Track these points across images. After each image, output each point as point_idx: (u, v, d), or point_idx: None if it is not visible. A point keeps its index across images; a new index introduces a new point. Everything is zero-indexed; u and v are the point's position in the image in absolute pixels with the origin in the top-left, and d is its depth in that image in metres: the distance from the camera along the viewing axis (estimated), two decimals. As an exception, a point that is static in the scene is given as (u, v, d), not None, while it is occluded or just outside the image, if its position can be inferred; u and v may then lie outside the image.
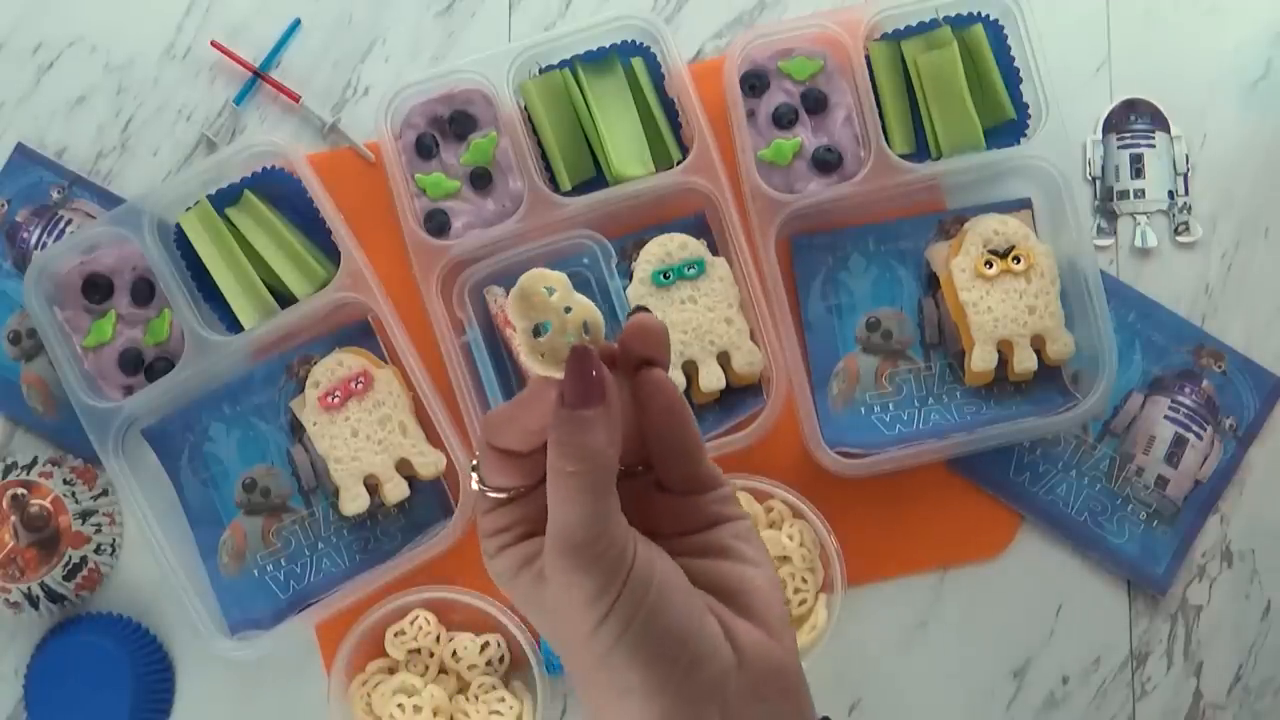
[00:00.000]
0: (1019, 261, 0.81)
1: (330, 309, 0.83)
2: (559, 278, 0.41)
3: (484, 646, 0.83)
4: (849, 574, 0.81)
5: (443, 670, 0.84)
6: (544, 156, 0.84)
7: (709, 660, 0.40)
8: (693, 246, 0.82)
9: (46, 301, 0.83)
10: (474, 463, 0.44)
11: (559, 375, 0.40)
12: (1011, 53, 0.84)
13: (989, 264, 0.81)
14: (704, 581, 0.42)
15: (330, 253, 0.84)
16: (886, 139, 0.82)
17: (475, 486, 0.43)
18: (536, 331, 0.41)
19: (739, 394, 0.83)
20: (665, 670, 0.39)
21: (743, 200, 0.83)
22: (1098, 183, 0.87)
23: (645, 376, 0.42)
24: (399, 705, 0.81)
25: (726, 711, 0.40)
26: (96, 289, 0.84)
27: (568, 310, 0.41)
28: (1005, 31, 0.84)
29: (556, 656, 0.80)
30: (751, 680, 0.41)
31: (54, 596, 0.84)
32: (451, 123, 0.84)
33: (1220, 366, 0.85)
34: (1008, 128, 0.85)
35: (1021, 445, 0.85)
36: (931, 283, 0.85)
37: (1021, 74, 0.83)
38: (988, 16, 0.84)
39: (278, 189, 0.84)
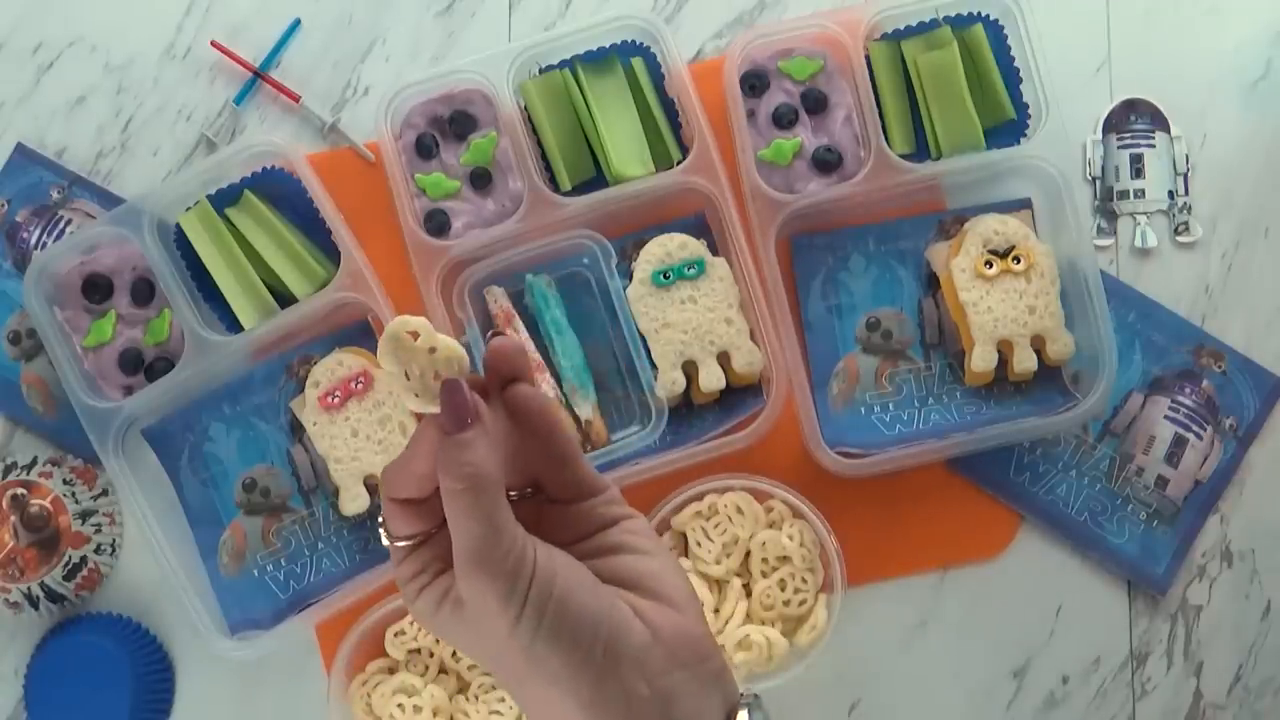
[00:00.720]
0: (1019, 261, 0.81)
1: (330, 309, 0.83)
2: (421, 322, 0.45)
3: (484, 646, 0.83)
4: (849, 574, 0.81)
5: (443, 670, 0.84)
6: (544, 156, 0.84)
7: (624, 637, 0.44)
8: (693, 246, 0.82)
9: (46, 301, 0.83)
10: (380, 519, 0.48)
11: (435, 410, 0.45)
12: (1011, 53, 0.84)
13: (989, 264, 0.81)
14: (608, 578, 0.46)
15: (330, 253, 0.84)
16: (886, 139, 0.82)
17: (385, 542, 0.47)
18: (407, 375, 0.45)
19: (739, 394, 0.83)
20: (585, 651, 0.44)
21: (743, 200, 0.83)
22: (1098, 183, 0.87)
23: (512, 392, 0.47)
24: (399, 705, 0.81)
25: (652, 682, 0.44)
26: (96, 289, 0.84)
27: (433, 351, 0.45)
28: (1005, 31, 0.84)
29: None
30: (668, 650, 0.45)
31: (54, 596, 0.84)
32: (451, 123, 0.84)
33: (1220, 366, 0.85)
34: (1008, 128, 0.85)
35: (1021, 445, 0.85)
36: (931, 283, 0.85)
37: (1021, 74, 0.83)
38: (988, 16, 0.84)
39: (278, 189, 0.85)
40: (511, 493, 0.47)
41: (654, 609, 0.46)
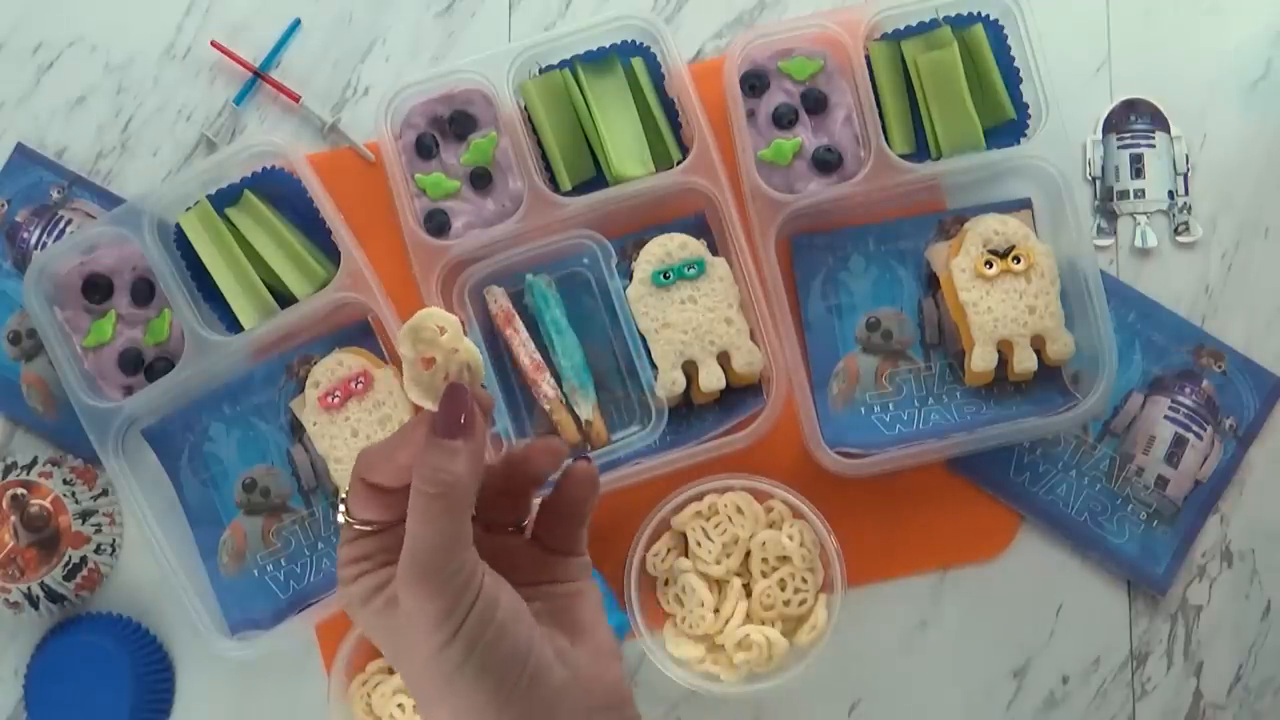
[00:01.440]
0: (1019, 261, 0.81)
1: (330, 309, 0.83)
2: (453, 320, 0.45)
3: (484, 646, 0.83)
4: (849, 574, 0.81)
5: (443, 670, 0.83)
6: (544, 156, 0.84)
7: (545, 679, 0.44)
8: (693, 246, 0.82)
9: (46, 301, 0.83)
10: (343, 495, 0.47)
11: (434, 407, 0.44)
12: (1011, 53, 0.84)
13: (989, 264, 0.81)
14: (543, 616, 0.47)
15: (330, 253, 0.84)
16: (886, 139, 0.82)
17: (341, 519, 0.46)
18: (424, 364, 0.45)
19: (739, 394, 0.83)
20: (508, 690, 0.43)
21: (743, 200, 0.83)
22: (1098, 183, 0.87)
23: (582, 469, 0.49)
24: (399, 705, 0.81)
25: None
26: (96, 289, 0.84)
27: (454, 351, 0.45)
28: (1005, 31, 0.84)
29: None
30: (584, 690, 0.45)
31: (54, 596, 0.84)
32: (451, 123, 0.84)
33: (1220, 366, 0.85)
34: (1008, 128, 0.85)
35: (1021, 445, 0.85)
36: (931, 283, 0.85)
37: (1021, 74, 0.83)
38: (988, 16, 0.84)
39: (278, 189, 0.85)
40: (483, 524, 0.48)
41: (576, 651, 0.46)
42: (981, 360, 0.81)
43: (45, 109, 0.89)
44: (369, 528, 0.46)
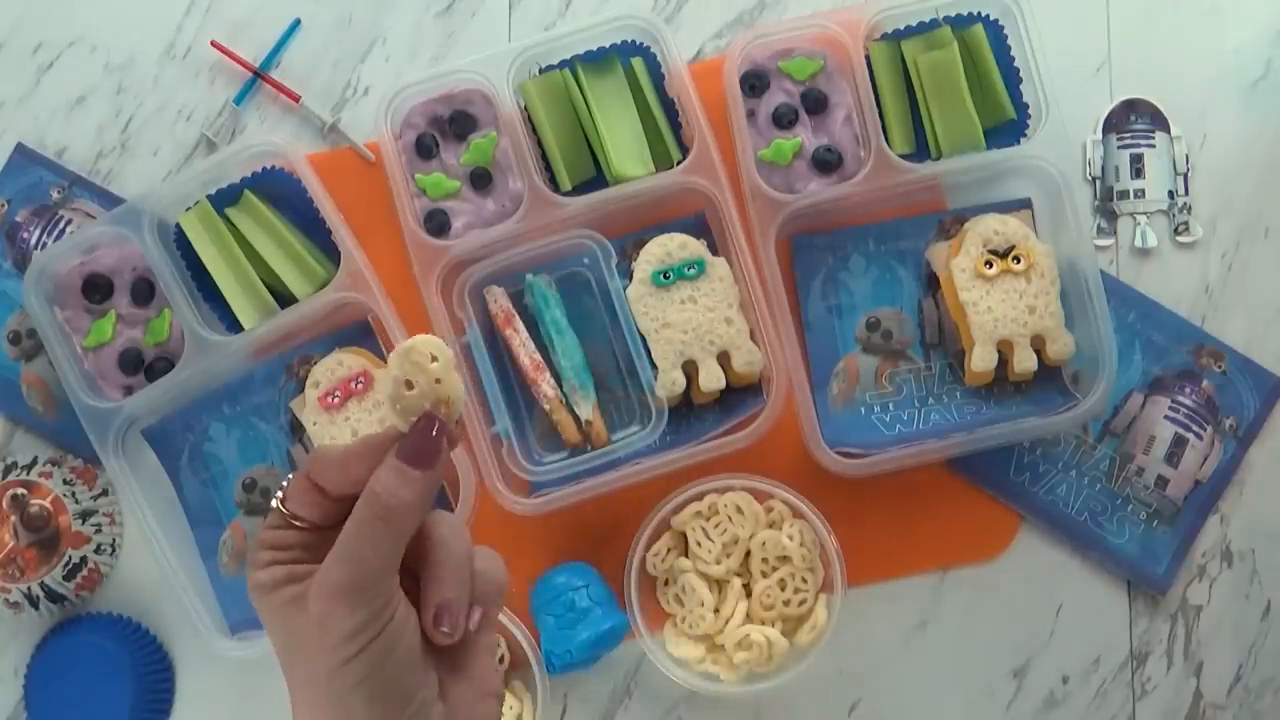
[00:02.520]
0: (1019, 261, 0.81)
1: (330, 309, 0.83)
2: (447, 352, 0.45)
3: (484, 646, 0.83)
4: (849, 574, 0.81)
5: (443, 670, 0.83)
6: (544, 156, 0.84)
7: (427, 714, 0.44)
8: (693, 246, 0.82)
9: (46, 301, 0.83)
10: (284, 483, 0.47)
11: (404, 429, 0.45)
12: (1011, 53, 0.84)
13: (989, 264, 0.81)
14: (431, 650, 0.46)
15: (330, 253, 0.84)
16: (886, 139, 0.82)
17: (275, 504, 0.46)
18: (410, 385, 0.45)
19: (739, 394, 0.83)
20: (394, 717, 0.43)
21: (743, 200, 0.83)
22: (1098, 183, 0.87)
23: (495, 574, 0.48)
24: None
25: None
26: (96, 289, 0.84)
27: (437, 381, 0.45)
28: (1005, 31, 0.84)
29: (555, 656, 0.80)
30: None
31: (54, 596, 0.84)
32: (451, 123, 0.84)
33: (1220, 366, 0.85)
34: (1008, 128, 0.85)
35: (1021, 445, 0.85)
36: (931, 283, 0.85)
37: (1021, 74, 0.83)
38: (988, 16, 0.84)
39: (278, 189, 0.85)
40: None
41: (459, 689, 0.46)
42: (981, 360, 0.81)
43: (45, 109, 0.89)
44: (297, 523, 0.46)
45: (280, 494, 0.46)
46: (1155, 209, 0.87)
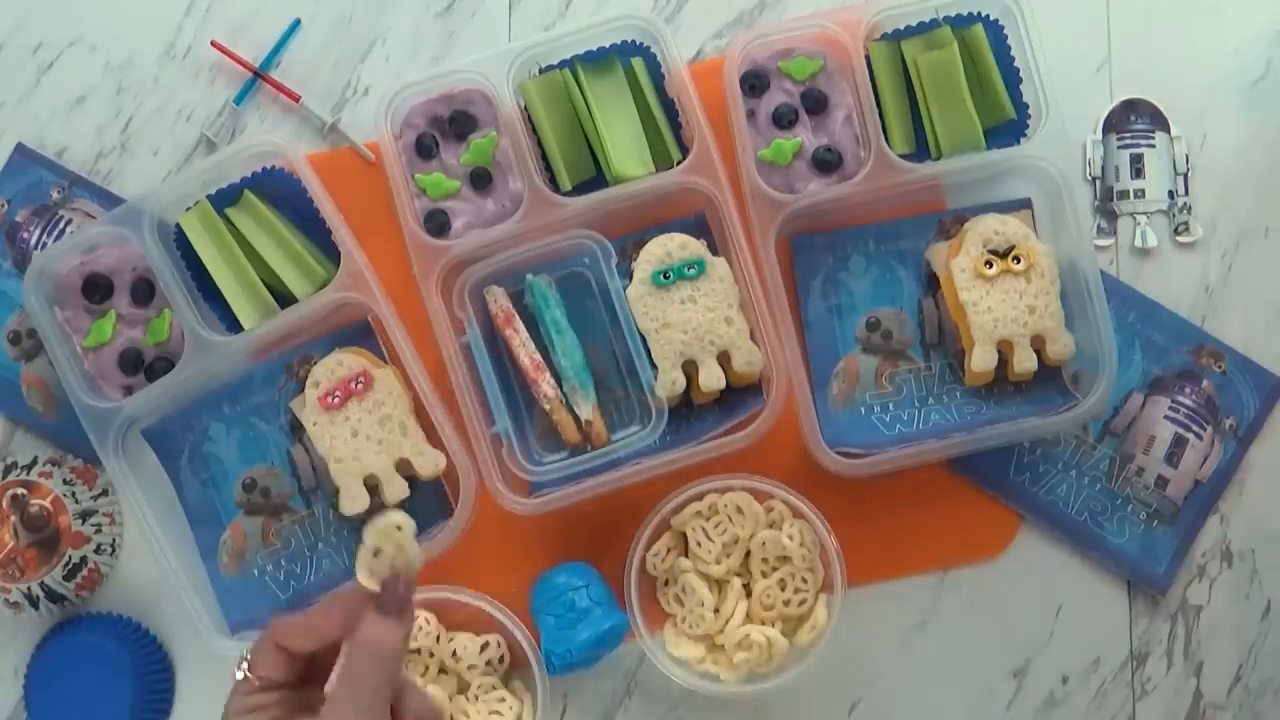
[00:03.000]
0: (1019, 261, 0.81)
1: (330, 309, 0.83)
2: (410, 523, 0.53)
3: (484, 647, 0.83)
4: (849, 574, 0.81)
5: (443, 670, 0.84)
6: (544, 156, 0.84)
7: None
8: (693, 246, 0.82)
9: (46, 301, 0.83)
10: (244, 653, 0.54)
11: (376, 589, 0.52)
12: (1011, 53, 0.84)
13: (989, 264, 0.81)
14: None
15: (330, 253, 0.84)
16: (886, 139, 0.82)
17: (240, 675, 0.53)
18: (376, 552, 0.53)
19: (739, 394, 0.83)
20: None
21: (743, 200, 0.83)
22: (1098, 183, 0.87)
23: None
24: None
25: None
26: (96, 289, 0.84)
27: (401, 547, 0.53)
28: (1005, 31, 0.84)
29: (555, 656, 0.80)
30: None
31: (54, 596, 0.84)
32: (451, 123, 0.84)
33: (1220, 366, 0.85)
34: (1008, 128, 0.85)
35: (1021, 445, 0.85)
36: (931, 283, 0.85)
37: (1021, 74, 0.83)
38: (988, 16, 0.84)
39: (278, 189, 0.85)
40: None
41: None
42: (981, 360, 0.81)
43: (45, 109, 0.89)
44: (265, 684, 0.53)
45: (244, 663, 0.53)
46: (1155, 209, 0.87)
